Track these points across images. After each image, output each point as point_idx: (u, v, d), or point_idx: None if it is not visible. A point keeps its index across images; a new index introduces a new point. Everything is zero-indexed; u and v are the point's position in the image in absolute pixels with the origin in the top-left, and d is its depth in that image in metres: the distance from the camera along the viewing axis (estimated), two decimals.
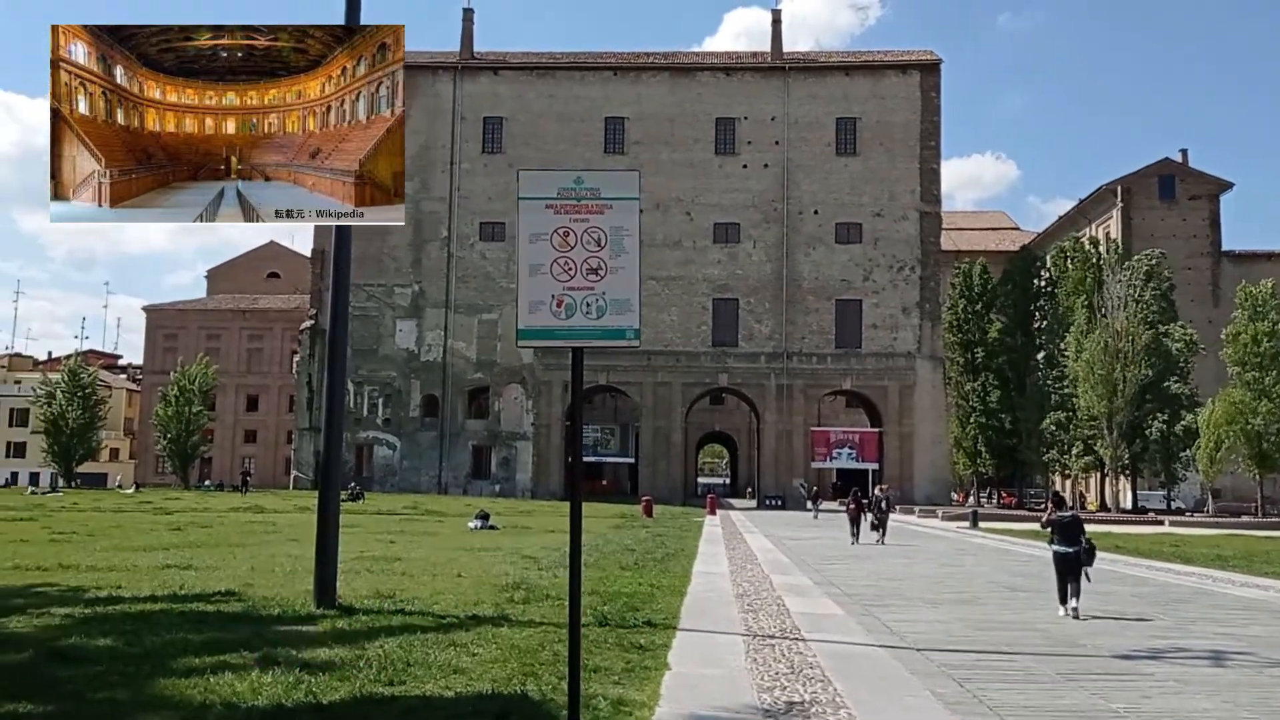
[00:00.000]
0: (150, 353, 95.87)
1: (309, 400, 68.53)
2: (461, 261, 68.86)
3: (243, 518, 32.85)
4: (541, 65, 70.46)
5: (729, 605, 14.12)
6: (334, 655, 8.99)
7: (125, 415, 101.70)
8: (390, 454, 68.19)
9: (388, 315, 68.65)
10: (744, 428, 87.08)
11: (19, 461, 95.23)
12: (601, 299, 6.48)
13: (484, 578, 15.95)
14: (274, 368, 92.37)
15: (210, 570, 16.24)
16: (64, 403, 77.19)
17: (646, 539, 26.74)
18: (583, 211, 6.52)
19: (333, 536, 12.67)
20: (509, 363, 67.77)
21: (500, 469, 67.56)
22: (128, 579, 14.67)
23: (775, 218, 67.08)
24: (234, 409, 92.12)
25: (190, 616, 11.01)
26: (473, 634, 10.38)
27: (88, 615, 10.88)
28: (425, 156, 69.39)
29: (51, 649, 8.86)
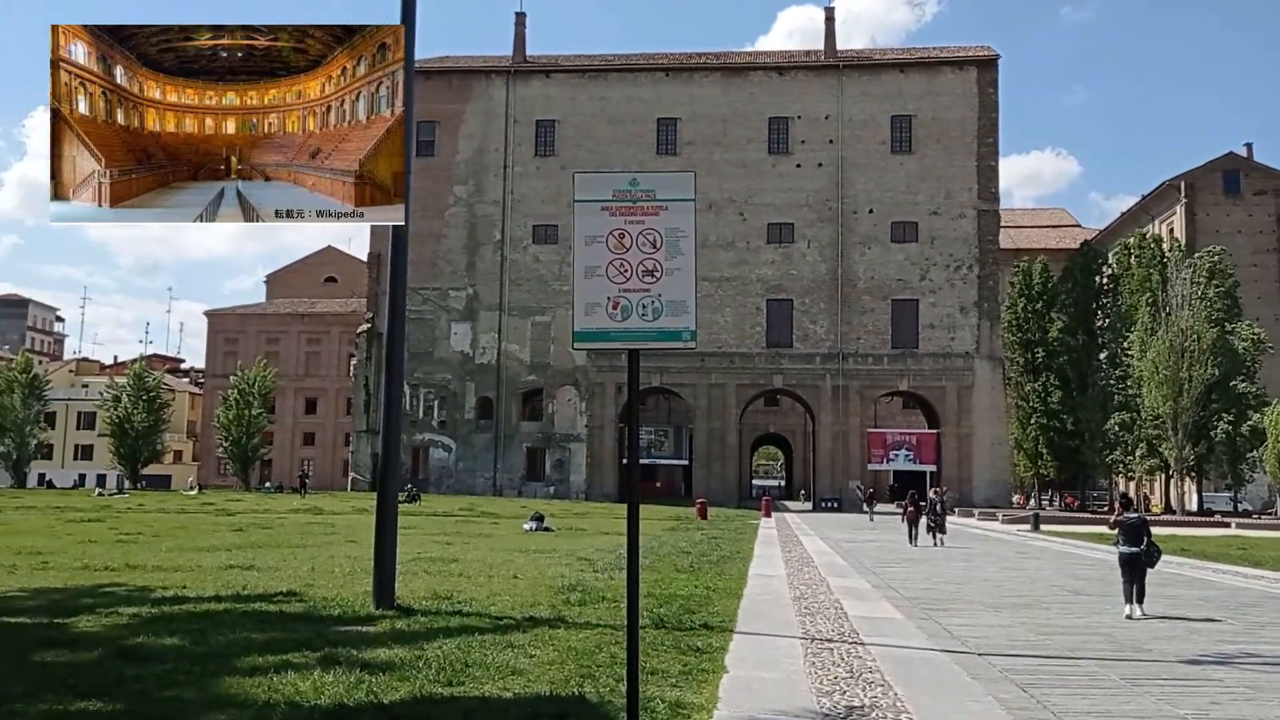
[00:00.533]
0: (212, 356, 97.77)
1: (366, 403, 69.41)
2: (515, 264, 69.29)
3: (302, 519, 33.33)
4: (593, 68, 70.69)
5: (786, 608, 14.02)
6: (393, 655, 9.06)
7: (188, 418, 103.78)
8: (445, 456, 68.80)
9: (442, 318, 69.29)
10: (799, 429, 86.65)
11: (87, 464, 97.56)
12: (657, 301, 6.46)
13: (540, 579, 16.00)
14: (331, 371, 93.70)
15: (271, 571, 16.48)
16: (129, 406, 78.93)
17: (702, 541, 26.67)
18: (638, 213, 6.51)
19: (391, 538, 12.78)
20: (562, 365, 68.07)
21: (554, 471, 67.88)
22: (192, 579, 14.94)
23: (830, 217, 66.64)
24: (293, 412, 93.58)
25: (253, 616, 11.17)
26: (530, 635, 10.41)
27: (155, 615, 11.08)
28: (479, 160, 70.00)
29: (120, 648, 9.03)
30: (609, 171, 7.03)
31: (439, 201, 68.10)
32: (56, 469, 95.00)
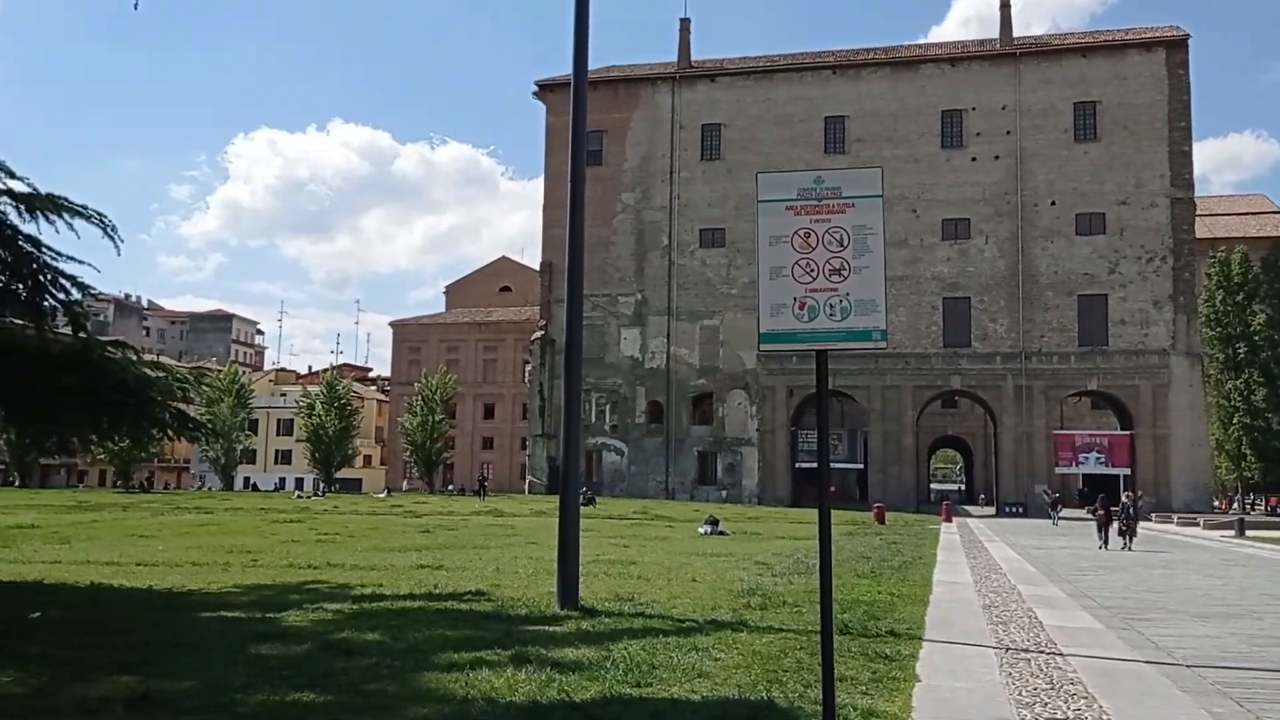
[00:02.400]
0: (396, 365, 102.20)
1: (541, 408, 71.07)
2: (682, 269, 69.63)
3: (484, 521, 34.38)
4: (758, 69, 70.38)
5: (976, 616, 13.54)
6: (581, 655, 9.21)
7: (376, 424, 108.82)
8: (618, 459, 69.71)
9: (612, 324, 70.25)
10: (979, 432, 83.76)
11: (286, 468, 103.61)
12: (845, 300, 6.34)
13: (718, 583, 15.99)
14: (507, 377, 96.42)
15: (459, 571, 17.06)
16: (323, 413, 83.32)
17: (881, 546, 26.10)
18: (824, 212, 6.41)
19: (574, 540, 13.02)
20: (732, 368, 67.95)
21: (726, 474, 67.80)
22: (387, 578, 15.62)
23: (1008, 211, 64.22)
24: (472, 417, 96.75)
25: (446, 614, 11.58)
26: (713, 638, 10.40)
27: (356, 611, 11.63)
28: (646, 167, 70.71)
29: (327, 642, 9.51)
30: (792, 170, 6.94)
31: (607, 209, 69.13)
32: (259, 472, 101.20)
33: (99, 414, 12.38)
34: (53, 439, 13.90)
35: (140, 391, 12.50)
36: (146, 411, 12.87)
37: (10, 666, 8.06)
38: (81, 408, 11.90)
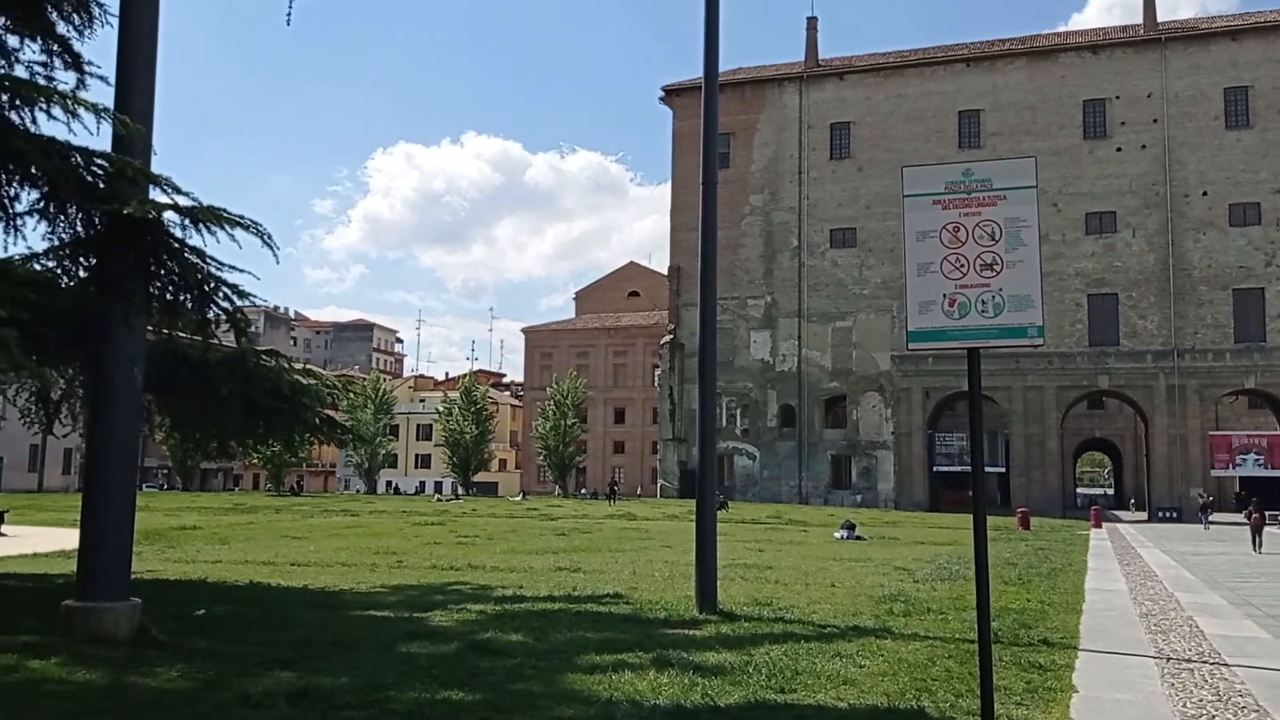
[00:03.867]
0: (529, 371, 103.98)
1: (671, 412, 71.20)
2: (813, 270, 68.80)
3: (618, 524, 34.63)
4: (889, 65, 69.06)
5: (1133, 625, 12.94)
6: (722, 660, 9.15)
7: (510, 429, 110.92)
8: (750, 464, 69.30)
9: (742, 327, 69.88)
10: (1128, 434, 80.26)
11: (425, 472, 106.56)
12: (998, 295, 6.12)
13: (858, 588, 15.71)
14: (637, 381, 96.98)
15: (596, 573, 17.20)
16: (460, 419, 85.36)
17: (1028, 553, 25.23)
18: (974, 205, 6.20)
19: (711, 544, 12.97)
20: (865, 370, 66.79)
21: (861, 479, 66.66)
22: (526, 579, 15.87)
23: (1157, 202, 61.36)
24: (603, 421, 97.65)
25: (586, 616, 11.67)
26: (856, 645, 10.21)
27: (498, 612, 11.83)
28: (774, 168, 70.18)
29: (472, 642, 9.69)
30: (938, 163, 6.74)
31: (735, 212, 68.83)
32: (401, 476, 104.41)
33: (256, 419, 12.96)
34: (214, 443, 14.59)
35: (293, 398, 13.03)
36: (300, 417, 13.41)
37: (180, 661, 8.47)
38: (240, 413, 12.46)
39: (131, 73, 9.62)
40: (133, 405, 9.80)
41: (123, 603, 9.54)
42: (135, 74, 9.65)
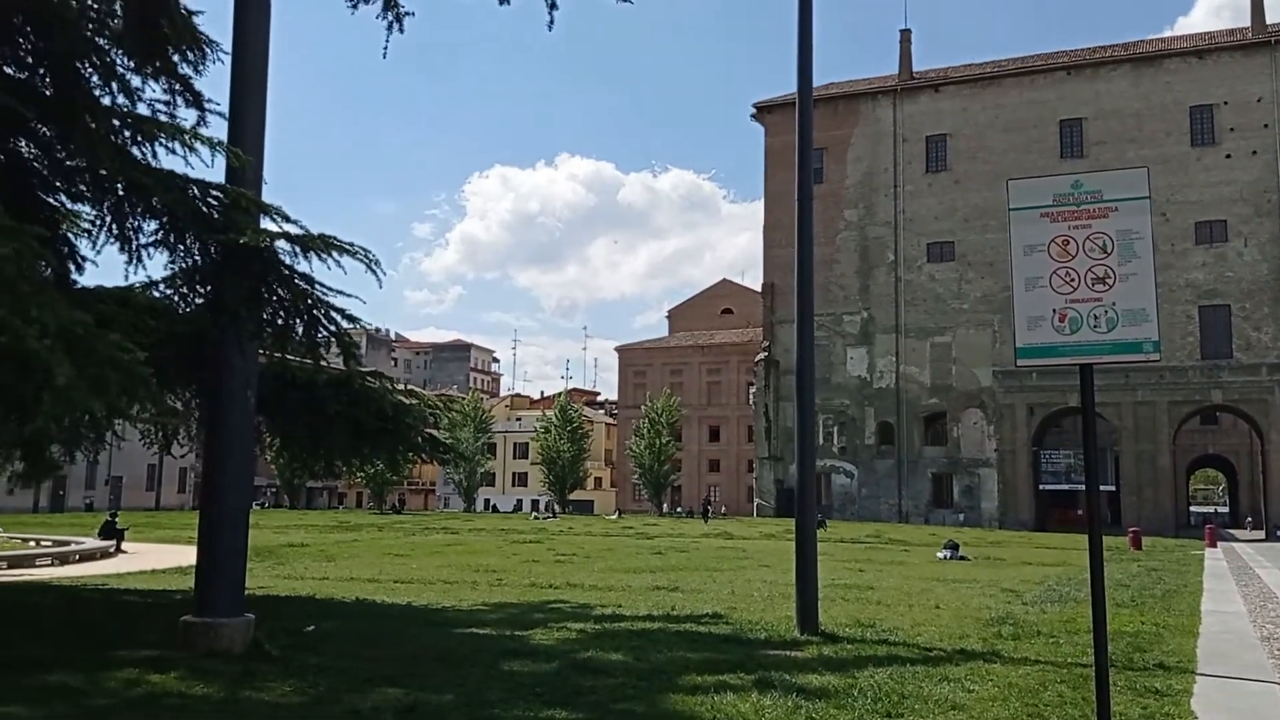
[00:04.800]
0: (623, 389, 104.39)
1: (767, 430, 70.71)
2: (910, 285, 67.78)
3: (714, 543, 34.46)
4: (985, 76, 67.85)
5: (1253, 649, 12.35)
6: (826, 682, 9.01)
7: (605, 447, 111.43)
8: (848, 482, 68.38)
9: (838, 343, 69.14)
10: (1243, 450, 77.09)
11: (522, 490, 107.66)
12: (1111, 310, 5.94)
13: (963, 610, 15.33)
14: (731, 399, 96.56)
15: (695, 592, 17.13)
16: (556, 437, 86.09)
17: (1140, 574, 24.34)
18: (1083, 217, 6.04)
19: (811, 564, 12.81)
20: (966, 386, 65.43)
21: (963, 497, 65.21)
22: (624, 598, 15.88)
23: (1270, 210, 58.95)
24: (698, 439, 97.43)
25: (685, 636, 11.62)
26: (964, 669, 9.96)
27: (598, 631, 11.86)
28: (869, 182, 69.45)
29: (573, 661, 9.73)
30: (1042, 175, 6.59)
31: (830, 227, 68.22)
32: (498, 494, 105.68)
33: (362, 439, 13.27)
34: (322, 463, 15.00)
35: (397, 418, 13.33)
36: (403, 436, 13.71)
37: (292, 676, 8.69)
38: (347, 433, 12.80)
39: (244, 107, 9.99)
40: (246, 426, 10.13)
41: (237, 618, 9.83)
42: (247, 109, 10.02)
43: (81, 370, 5.63)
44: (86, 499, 70.99)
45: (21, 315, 5.36)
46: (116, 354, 5.99)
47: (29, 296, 5.48)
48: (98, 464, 67.49)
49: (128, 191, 8.86)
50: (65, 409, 5.43)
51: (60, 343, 5.46)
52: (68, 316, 5.66)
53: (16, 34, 8.35)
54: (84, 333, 5.77)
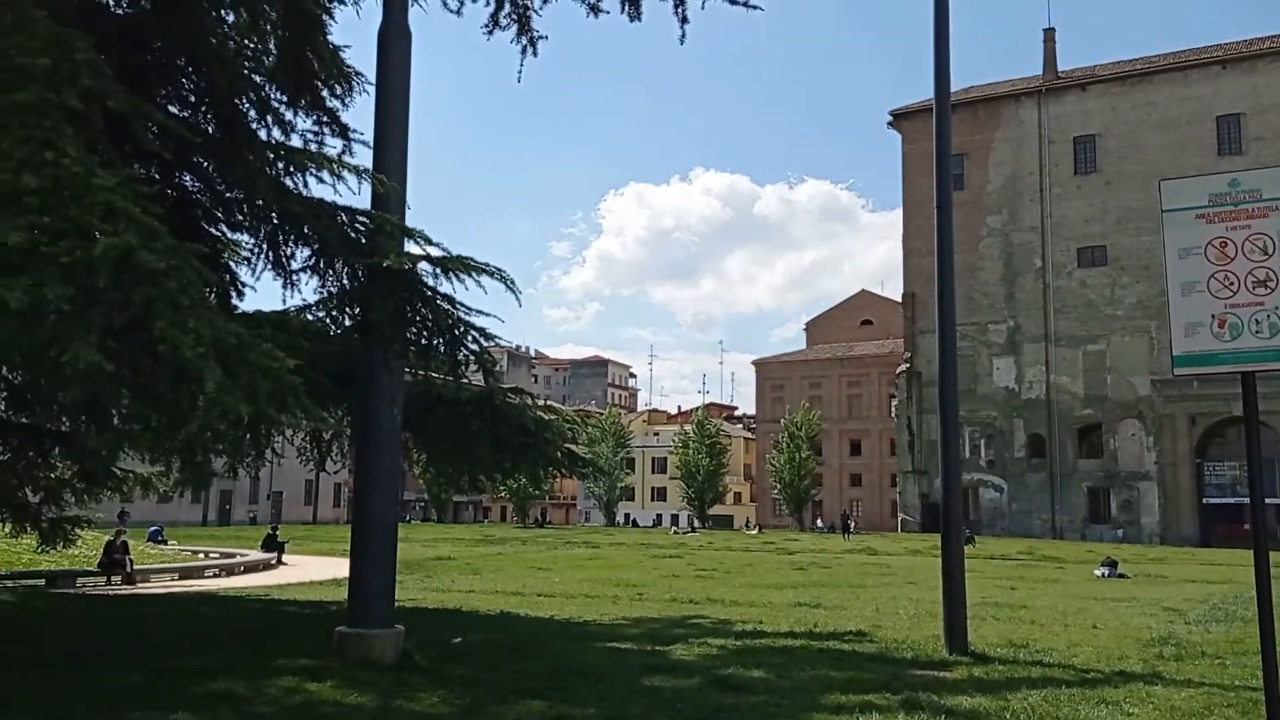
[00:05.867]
0: (761, 403, 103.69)
1: (910, 443, 69.18)
2: (1059, 291, 65.37)
3: (858, 559, 33.86)
4: (1135, 73, 65.09)
5: None
6: (976, 704, 8.73)
7: (744, 461, 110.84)
8: (996, 496, 66.23)
9: (983, 354, 67.18)
10: None
11: (661, 504, 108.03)
12: (1274, 314, 5.60)
13: (1123, 630, 14.65)
14: (872, 412, 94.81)
15: (838, 609, 16.85)
16: (694, 452, 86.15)
17: None
18: (1242, 217, 5.72)
19: (959, 582, 12.45)
20: (1121, 396, 62.63)
21: (1121, 512, 62.34)
22: (765, 614, 15.74)
23: None
24: (838, 453, 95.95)
25: (828, 654, 11.44)
26: (1122, 691, 9.50)
27: (739, 647, 11.78)
28: (1012, 187, 67.39)
29: (714, 677, 9.68)
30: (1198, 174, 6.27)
31: (972, 235, 66.41)
32: (638, 509, 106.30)
33: (503, 454, 13.58)
34: (465, 477, 15.39)
35: (537, 433, 13.58)
36: (543, 451, 13.95)
37: (440, 687, 8.91)
38: (489, 448, 13.11)
39: (387, 135, 10.39)
40: (394, 442, 10.48)
41: (388, 630, 10.15)
42: (390, 137, 10.41)
43: (234, 378, 5.99)
44: (250, 513, 74.60)
45: (180, 326, 5.74)
46: (266, 363, 6.32)
47: (187, 310, 5.84)
48: (259, 480, 70.90)
49: (282, 220, 9.35)
50: (216, 413, 5.78)
51: (213, 351, 5.81)
52: (222, 328, 6.02)
53: (180, 74, 8.92)
54: (236, 343, 6.10)
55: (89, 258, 5.59)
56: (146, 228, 5.93)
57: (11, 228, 5.46)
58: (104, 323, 5.73)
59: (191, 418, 5.87)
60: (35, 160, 5.80)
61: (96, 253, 5.61)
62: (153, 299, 5.78)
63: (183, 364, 5.68)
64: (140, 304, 5.78)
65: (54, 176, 5.78)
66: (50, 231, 5.68)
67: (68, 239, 5.68)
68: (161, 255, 5.84)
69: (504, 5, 11.12)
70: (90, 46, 6.45)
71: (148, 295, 5.78)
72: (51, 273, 5.49)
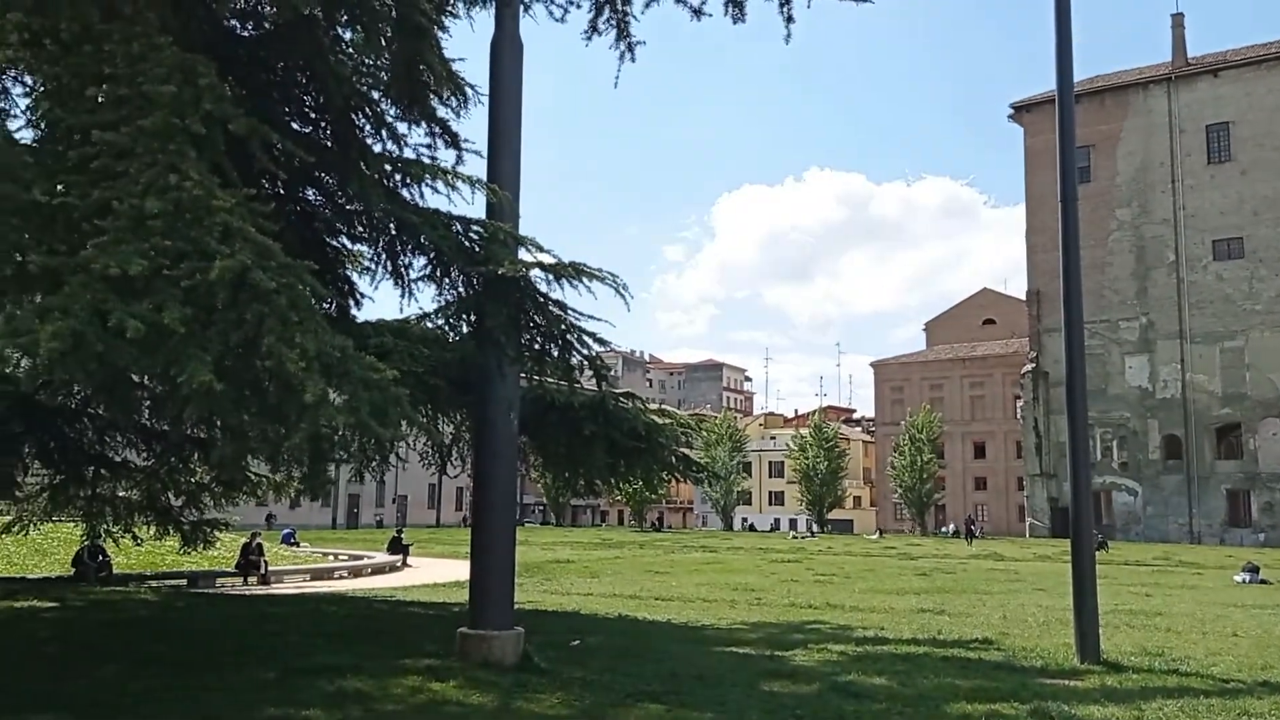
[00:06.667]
0: (879, 405, 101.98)
1: (1037, 445, 67.13)
2: (1194, 286, 62.58)
3: (984, 565, 32.99)
4: (1270, 56, 61.97)
5: None
6: (1108, 715, 8.40)
7: (863, 465, 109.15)
8: (1130, 500, 63.70)
9: (1114, 352, 64.74)
10: None
11: (779, 509, 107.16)
12: None
13: (1265, 638, 13.92)
14: (996, 413, 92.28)
15: (962, 616, 16.44)
16: (812, 455, 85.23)
17: None
18: None
19: (1090, 588, 11.99)
20: (1262, 394, 59.58)
21: (1263, 515, 59.27)
22: (887, 620, 15.45)
23: None
24: (961, 456, 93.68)
25: (953, 661, 11.15)
26: (1266, 703, 9.02)
27: (860, 654, 11.58)
28: (1142, 178, 64.83)
29: (834, 683, 9.53)
30: None
31: (1100, 229, 64.11)
32: (755, 513, 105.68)
33: (616, 458, 13.63)
34: (580, 482, 15.53)
35: (650, 437, 13.59)
36: (657, 455, 13.96)
37: (559, 689, 8.99)
38: (603, 453, 13.18)
39: (500, 144, 10.56)
40: (510, 447, 10.63)
41: (508, 631, 10.29)
42: (503, 145, 10.58)
43: (338, 390, 6.19)
44: (377, 516, 76.80)
45: (286, 342, 5.95)
46: (369, 375, 6.49)
47: (295, 326, 6.05)
48: (385, 484, 72.95)
49: (399, 230, 9.60)
50: (315, 424, 5.97)
51: (317, 365, 6.00)
52: (327, 342, 6.21)
53: (301, 92, 9.25)
54: (341, 356, 6.28)
55: (207, 280, 5.85)
56: (261, 246, 6.19)
57: (135, 253, 5.74)
58: (221, 341, 6.01)
59: (296, 429, 6.08)
60: (160, 184, 6.10)
61: (213, 275, 5.86)
62: (264, 316, 6.03)
63: (286, 378, 5.89)
64: (252, 322, 6.04)
65: (176, 200, 6.06)
66: (172, 254, 5.96)
67: (188, 261, 5.96)
68: (274, 273, 6.10)
69: (603, 11, 11.17)
70: (212, 71, 6.73)
71: (260, 313, 6.04)
72: (172, 295, 5.78)
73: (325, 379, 6.01)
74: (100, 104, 6.46)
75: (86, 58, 6.53)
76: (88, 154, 6.26)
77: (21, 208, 6.04)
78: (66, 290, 5.65)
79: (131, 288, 5.73)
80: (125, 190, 6.05)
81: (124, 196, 6.02)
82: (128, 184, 6.09)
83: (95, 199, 6.08)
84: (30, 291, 5.87)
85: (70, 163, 6.33)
